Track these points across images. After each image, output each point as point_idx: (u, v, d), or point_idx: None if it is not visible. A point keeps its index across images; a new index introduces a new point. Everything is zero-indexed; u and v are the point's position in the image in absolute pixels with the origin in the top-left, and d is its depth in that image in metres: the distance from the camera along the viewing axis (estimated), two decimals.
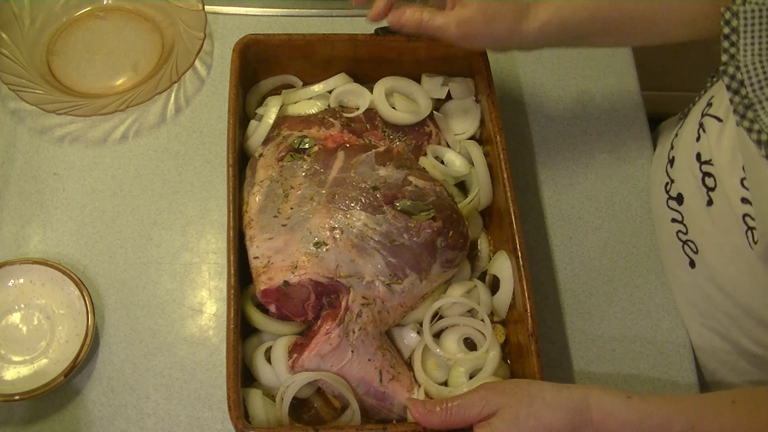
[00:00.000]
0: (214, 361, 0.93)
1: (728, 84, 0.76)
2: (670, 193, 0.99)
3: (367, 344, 0.86)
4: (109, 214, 1.01)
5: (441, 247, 0.88)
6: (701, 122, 0.92)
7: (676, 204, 0.97)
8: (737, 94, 0.75)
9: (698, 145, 0.92)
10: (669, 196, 0.99)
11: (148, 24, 1.14)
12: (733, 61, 0.75)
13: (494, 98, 0.97)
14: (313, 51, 1.01)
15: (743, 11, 0.75)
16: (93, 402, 0.90)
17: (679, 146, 0.98)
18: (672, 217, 0.98)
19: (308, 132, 0.96)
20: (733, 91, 0.75)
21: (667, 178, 1.00)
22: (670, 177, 0.99)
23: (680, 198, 0.96)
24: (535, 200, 1.06)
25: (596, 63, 1.17)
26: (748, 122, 0.74)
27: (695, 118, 0.94)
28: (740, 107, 0.75)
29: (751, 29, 0.75)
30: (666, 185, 1.00)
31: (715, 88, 0.95)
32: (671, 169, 0.99)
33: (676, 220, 0.97)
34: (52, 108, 1.02)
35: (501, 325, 0.93)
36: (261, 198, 0.90)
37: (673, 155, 0.99)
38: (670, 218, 0.98)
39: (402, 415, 0.86)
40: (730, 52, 0.76)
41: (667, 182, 0.99)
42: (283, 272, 0.85)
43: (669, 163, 1.00)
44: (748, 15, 0.75)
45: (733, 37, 0.76)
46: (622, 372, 0.96)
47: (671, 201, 0.98)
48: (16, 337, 0.92)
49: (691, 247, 0.95)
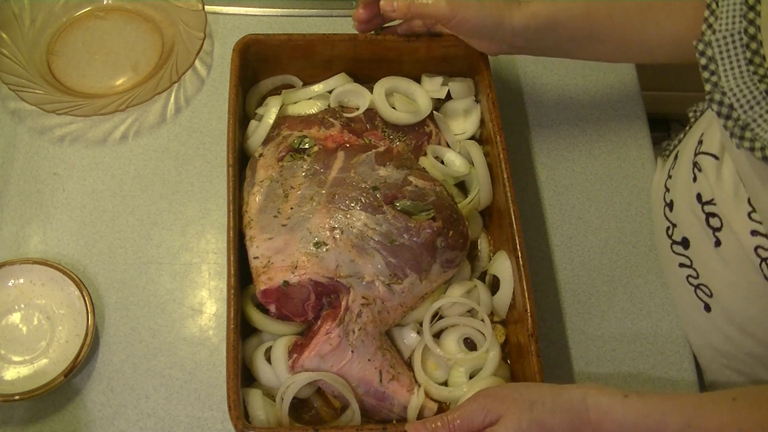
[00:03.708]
0: (214, 361, 0.93)
1: (718, 111, 0.75)
2: (673, 237, 0.97)
3: (367, 344, 0.86)
4: (109, 214, 1.01)
5: (441, 247, 0.88)
6: (695, 161, 0.91)
7: (682, 248, 0.95)
8: (729, 119, 0.75)
9: (696, 185, 0.90)
10: (673, 241, 0.97)
11: (148, 24, 1.14)
12: (717, 88, 0.75)
13: (494, 98, 0.97)
14: (313, 51, 1.01)
15: (715, 39, 0.75)
16: (93, 402, 0.90)
17: (676, 189, 0.96)
18: (680, 263, 0.96)
19: (308, 132, 0.96)
20: (725, 117, 0.75)
21: (668, 223, 0.98)
22: (671, 221, 0.97)
23: (686, 242, 0.94)
24: (535, 200, 1.06)
25: (596, 63, 1.17)
26: (749, 142, 0.73)
27: (688, 158, 0.93)
28: (736, 130, 0.74)
29: (727, 55, 0.75)
30: (668, 230, 0.98)
31: (702, 125, 0.94)
32: (671, 213, 0.97)
33: (684, 264, 0.95)
34: (52, 108, 1.02)
35: (501, 325, 0.93)
36: (261, 198, 0.90)
37: (670, 198, 0.98)
38: (677, 263, 0.96)
39: (402, 415, 0.86)
40: (712, 81, 0.76)
41: (669, 227, 0.98)
42: (283, 272, 0.85)
43: (667, 207, 0.98)
44: (721, 42, 0.75)
45: (711, 66, 0.76)
46: (622, 372, 0.96)
47: (676, 246, 0.96)
48: (16, 337, 0.92)
49: (704, 291, 0.92)
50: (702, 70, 0.77)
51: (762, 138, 0.72)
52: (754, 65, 0.74)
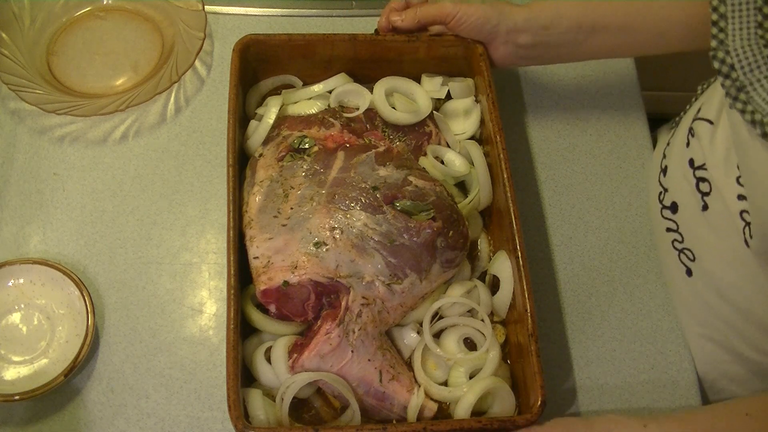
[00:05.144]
0: (214, 361, 0.93)
1: (719, 68, 0.77)
2: (663, 202, 0.99)
3: (367, 344, 0.86)
4: (109, 214, 1.02)
5: (441, 247, 0.88)
6: (691, 127, 0.92)
7: (671, 213, 0.97)
8: (728, 78, 0.76)
9: (689, 150, 0.92)
10: (663, 206, 0.99)
11: (148, 24, 1.14)
12: (723, 46, 0.77)
13: (494, 98, 0.97)
14: (313, 51, 1.01)
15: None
16: (93, 402, 0.90)
17: (671, 154, 0.98)
18: (667, 227, 0.98)
19: (308, 132, 0.96)
20: (724, 75, 0.77)
21: (661, 188, 1.00)
22: (663, 186, 0.99)
23: (674, 206, 0.96)
24: (535, 200, 1.06)
25: (596, 63, 1.17)
26: (741, 104, 0.75)
27: (686, 125, 0.95)
28: (732, 90, 0.76)
29: (739, 14, 0.77)
30: (660, 195, 1.00)
31: (705, 96, 0.95)
32: (664, 179, 0.99)
33: (671, 229, 0.97)
34: (52, 108, 1.02)
35: (501, 325, 0.93)
36: (261, 198, 0.90)
37: (665, 164, 0.99)
38: (665, 228, 0.98)
39: (402, 415, 0.86)
40: (719, 38, 0.77)
41: (661, 191, 1.00)
42: (283, 272, 0.85)
43: (662, 173, 1.00)
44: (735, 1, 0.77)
45: (721, 23, 0.77)
46: (622, 372, 0.96)
47: (665, 210, 0.98)
48: (16, 337, 0.92)
49: (687, 256, 0.95)
50: (711, 25, 0.78)
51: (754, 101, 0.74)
52: (763, 29, 0.75)
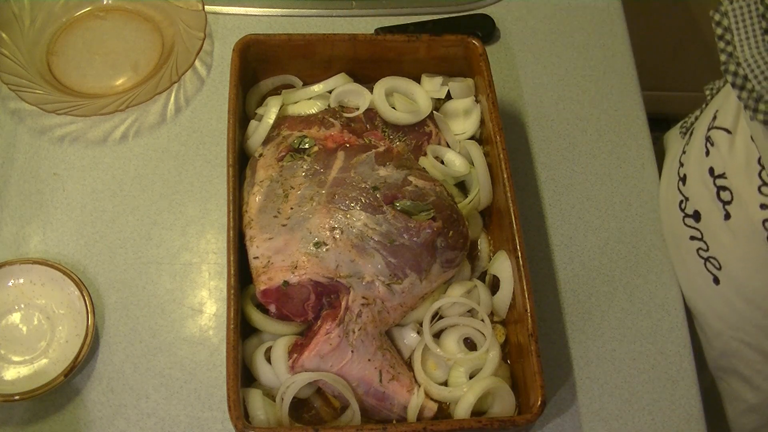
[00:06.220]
0: (214, 361, 0.93)
1: (733, 81, 0.76)
2: (685, 210, 0.98)
3: (367, 344, 0.86)
4: (109, 214, 1.01)
5: (441, 247, 0.88)
6: (708, 136, 0.92)
7: (694, 221, 0.96)
8: (744, 90, 0.76)
9: (708, 159, 0.91)
10: (685, 214, 0.98)
11: (148, 24, 1.14)
12: (732, 59, 0.76)
13: (494, 98, 0.97)
14: (313, 51, 1.01)
15: (732, 9, 0.76)
16: (93, 402, 0.90)
17: (690, 163, 0.98)
18: (691, 235, 0.97)
19: (308, 132, 0.96)
20: (739, 87, 0.76)
21: (681, 196, 0.99)
22: (684, 195, 0.98)
23: (697, 215, 0.95)
24: (535, 200, 1.06)
25: (596, 63, 1.17)
26: (762, 114, 0.74)
27: (701, 134, 0.94)
28: (750, 102, 0.75)
29: (743, 25, 0.76)
30: (681, 203, 0.99)
31: (717, 102, 0.95)
32: (684, 187, 0.98)
33: (695, 237, 0.96)
34: (52, 108, 1.02)
35: (501, 325, 0.93)
36: (261, 198, 0.90)
37: (684, 173, 0.99)
38: (688, 236, 0.97)
39: (402, 415, 0.86)
40: (727, 51, 0.77)
41: (682, 200, 0.99)
42: (283, 272, 0.85)
43: (681, 181, 0.99)
44: (738, 12, 0.76)
45: (727, 36, 0.77)
46: (622, 372, 0.96)
47: (688, 219, 0.97)
48: (16, 337, 0.92)
49: (713, 264, 0.94)
50: (718, 41, 0.78)
51: None
52: None
